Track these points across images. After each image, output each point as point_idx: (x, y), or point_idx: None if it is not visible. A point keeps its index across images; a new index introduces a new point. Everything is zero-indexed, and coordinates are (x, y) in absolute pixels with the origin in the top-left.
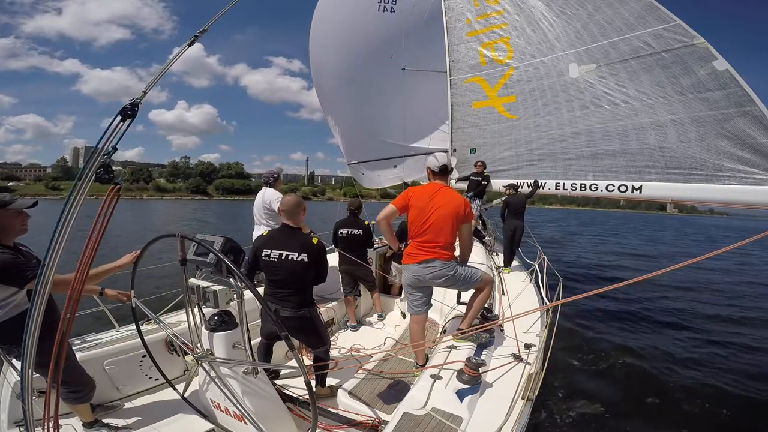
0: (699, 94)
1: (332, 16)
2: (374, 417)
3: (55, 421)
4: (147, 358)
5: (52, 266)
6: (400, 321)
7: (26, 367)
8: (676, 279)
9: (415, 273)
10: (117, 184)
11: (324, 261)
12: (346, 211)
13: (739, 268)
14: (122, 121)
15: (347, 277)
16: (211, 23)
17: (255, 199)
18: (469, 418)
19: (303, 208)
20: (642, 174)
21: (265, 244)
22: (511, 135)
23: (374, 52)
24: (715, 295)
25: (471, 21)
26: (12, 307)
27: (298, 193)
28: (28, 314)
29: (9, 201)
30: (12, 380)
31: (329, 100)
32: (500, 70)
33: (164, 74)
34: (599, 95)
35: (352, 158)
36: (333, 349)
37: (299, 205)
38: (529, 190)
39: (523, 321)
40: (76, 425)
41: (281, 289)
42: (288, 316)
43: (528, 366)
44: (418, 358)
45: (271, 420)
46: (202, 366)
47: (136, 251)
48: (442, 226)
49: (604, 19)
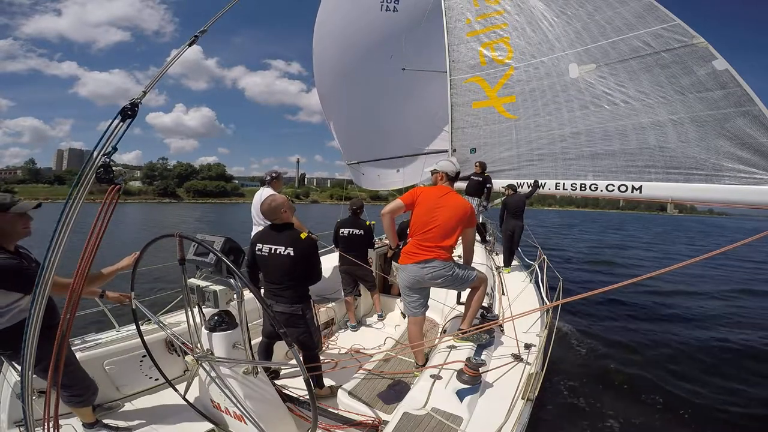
0: (699, 93)
1: (335, 15)
2: (374, 417)
3: (55, 421)
4: (147, 358)
5: (52, 267)
6: (400, 321)
7: (26, 368)
8: (677, 279)
9: (414, 273)
10: (117, 185)
11: (312, 257)
12: (348, 211)
13: (741, 268)
14: (122, 121)
15: (347, 277)
16: (211, 23)
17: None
18: (469, 418)
19: (283, 208)
20: (642, 174)
21: (259, 240)
22: (511, 135)
23: (375, 51)
24: (716, 295)
25: (471, 21)
26: (17, 312)
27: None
28: (27, 315)
29: (9, 203)
30: (12, 380)
31: (330, 100)
32: (500, 70)
33: (163, 75)
34: (599, 95)
35: (352, 159)
36: (333, 349)
37: (276, 209)
38: (529, 190)
39: (523, 321)
40: (76, 425)
41: (274, 284)
42: (281, 311)
43: (528, 366)
44: (417, 358)
45: (271, 420)
46: (202, 366)
47: (135, 253)
48: (448, 228)
49: (604, 19)
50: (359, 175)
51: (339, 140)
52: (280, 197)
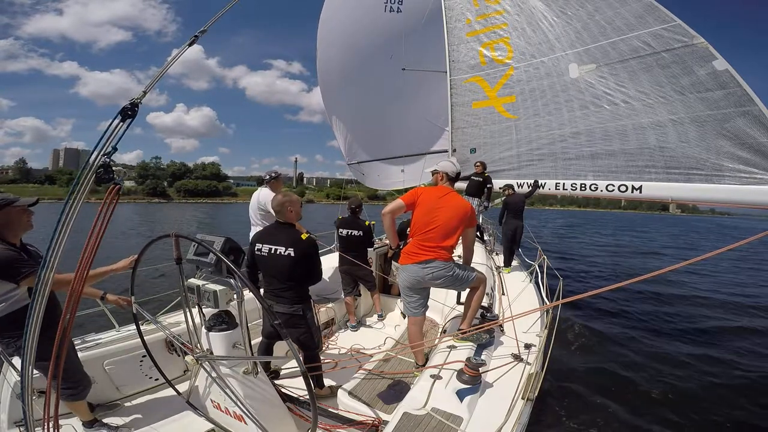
0: (699, 93)
1: (338, 15)
2: (374, 417)
3: (55, 421)
4: (147, 358)
5: (52, 266)
6: (400, 321)
7: (26, 367)
8: (677, 279)
9: (414, 273)
10: (117, 185)
11: (313, 257)
12: (347, 210)
13: (742, 267)
14: (122, 121)
15: (347, 278)
16: (211, 23)
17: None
18: (469, 418)
19: (290, 207)
20: (642, 174)
21: (259, 240)
22: (511, 135)
23: (378, 52)
24: (717, 295)
25: (471, 21)
26: (13, 302)
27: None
28: (28, 313)
29: (14, 199)
30: (12, 380)
31: (332, 99)
32: (500, 70)
33: (164, 75)
34: (599, 95)
35: (352, 159)
36: (333, 349)
37: (284, 204)
38: (529, 189)
39: (523, 321)
40: (76, 425)
41: (274, 284)
42: (281, 311)
43: (528, 366)
44: (417, 358)
45: (271, 420)
46: (202, 366)
47: (133, 256)
48: (449, 229)
49: (604, 19)
50: (360, 175)
51: (340, 139)
52: (296, 197)
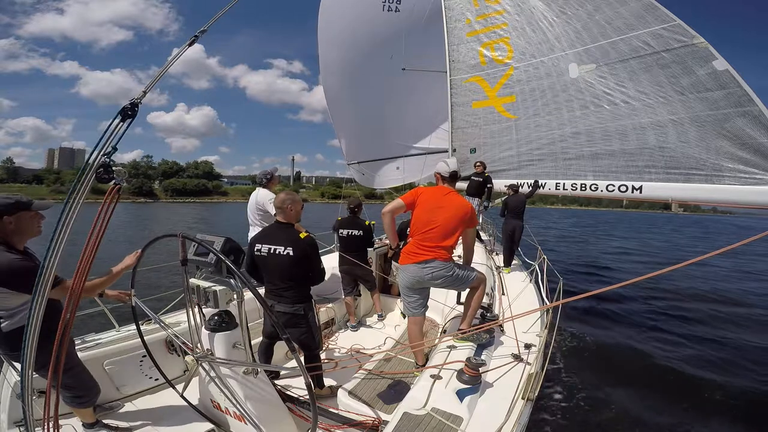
0: (699, 94)
1: (337, 14)
2: (374, 417)
3: (55, 421)
4: (147, 358)
5: (52, 267)
6: (400, 321)
7: (26, 367)
8: (678, 279)
9: (414, 273)
10: (117, 184)
11: (313, 256)
12: (346, 210)
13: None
14: (122, 121)
15: (347, 278)
16: (211, 23)
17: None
18: (469, 418)
19: (291, 206)
20: (642, 174)
21: (258, 240)
22: (511, 135)
23: (377, 51)
24: (717, 295)
25: (471, 21)
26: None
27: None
28: (28, 315)
29: (29, 202)
30: (12, 380)
31: (333, 99)
32: (500, 70)
33: (164, 75)
34: (599, 95)
35: (353, 159)
36: (333, 349)
37: (284, 201)
38: (529, 189)
39: (523, 321)
40: (76, 425)
41: (275, 284)
42: (282, 311)
43: (528, 366)
44: (417, 358)
45: (271, 420)
46: (202, 366)
47: (137, 251)
48: (449, 229)
49: (604, 19)
50: (360, 175)
51: (340, 139)
52: (298, 197)
